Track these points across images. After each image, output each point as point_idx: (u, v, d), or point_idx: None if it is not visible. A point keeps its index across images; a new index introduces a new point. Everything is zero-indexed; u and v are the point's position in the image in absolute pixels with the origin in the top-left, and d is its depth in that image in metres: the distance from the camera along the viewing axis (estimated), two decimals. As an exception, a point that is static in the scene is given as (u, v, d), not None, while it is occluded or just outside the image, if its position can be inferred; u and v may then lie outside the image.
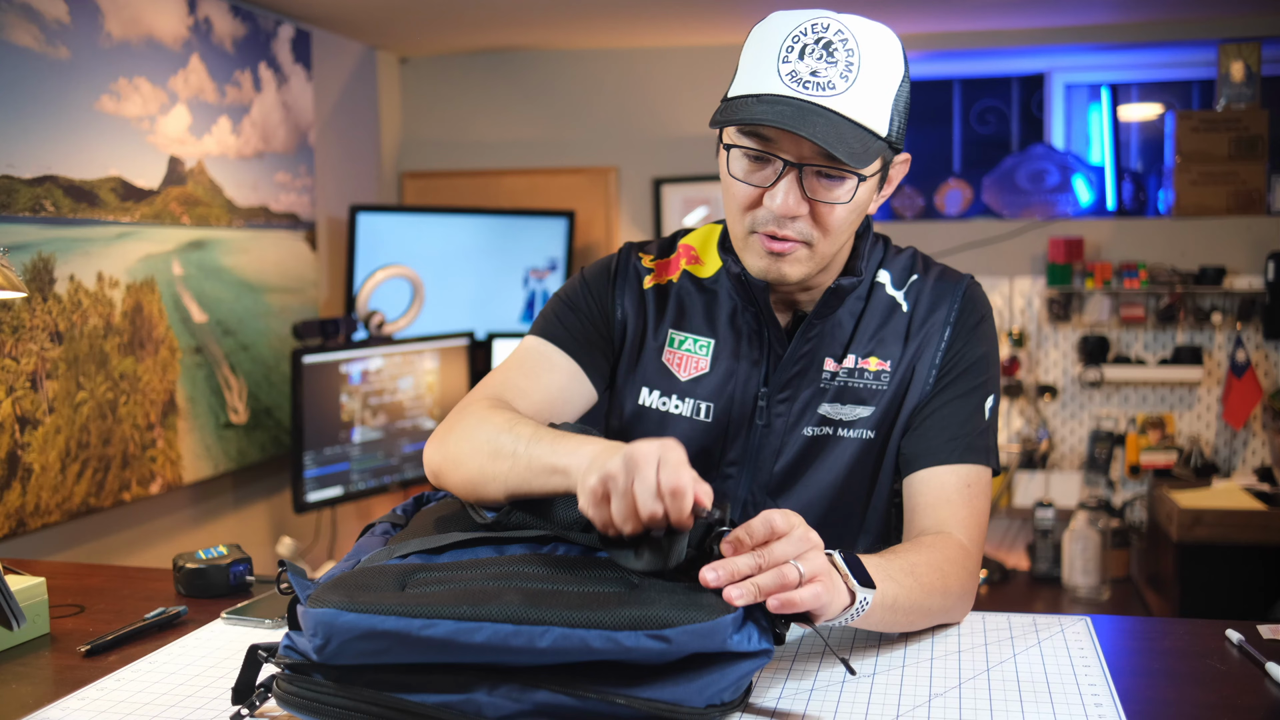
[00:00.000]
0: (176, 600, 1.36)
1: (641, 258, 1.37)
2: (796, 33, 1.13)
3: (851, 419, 1.27)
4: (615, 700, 0.87)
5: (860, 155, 1.11)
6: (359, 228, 3.59)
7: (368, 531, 1.17)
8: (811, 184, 1.15)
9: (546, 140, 4.19)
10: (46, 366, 2.50)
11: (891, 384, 1.27)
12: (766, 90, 1.13)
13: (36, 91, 2.48)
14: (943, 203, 4.06)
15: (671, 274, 1.35)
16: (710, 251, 1.34)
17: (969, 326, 1.28)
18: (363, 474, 3.32)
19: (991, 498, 1.27)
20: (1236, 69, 3.67)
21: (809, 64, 1.12)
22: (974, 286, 1.31)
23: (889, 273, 1.31)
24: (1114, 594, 3.56)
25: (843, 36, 1.12)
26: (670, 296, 1.34)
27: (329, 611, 0.86)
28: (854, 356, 1.27)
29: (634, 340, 1.34)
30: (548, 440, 1.07)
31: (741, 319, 1.30)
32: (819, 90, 1.12)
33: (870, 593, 1.00)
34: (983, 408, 1.27)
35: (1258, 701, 1.00)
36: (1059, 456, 3.93)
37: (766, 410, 1.28)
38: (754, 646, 0.90)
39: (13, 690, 1.08)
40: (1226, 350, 3.75)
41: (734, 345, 1.30)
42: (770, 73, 1.14)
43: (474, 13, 3.50)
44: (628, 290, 1.35)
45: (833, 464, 1.28)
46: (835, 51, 1.12)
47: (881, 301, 1.29)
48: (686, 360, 1.31)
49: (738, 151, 1.17)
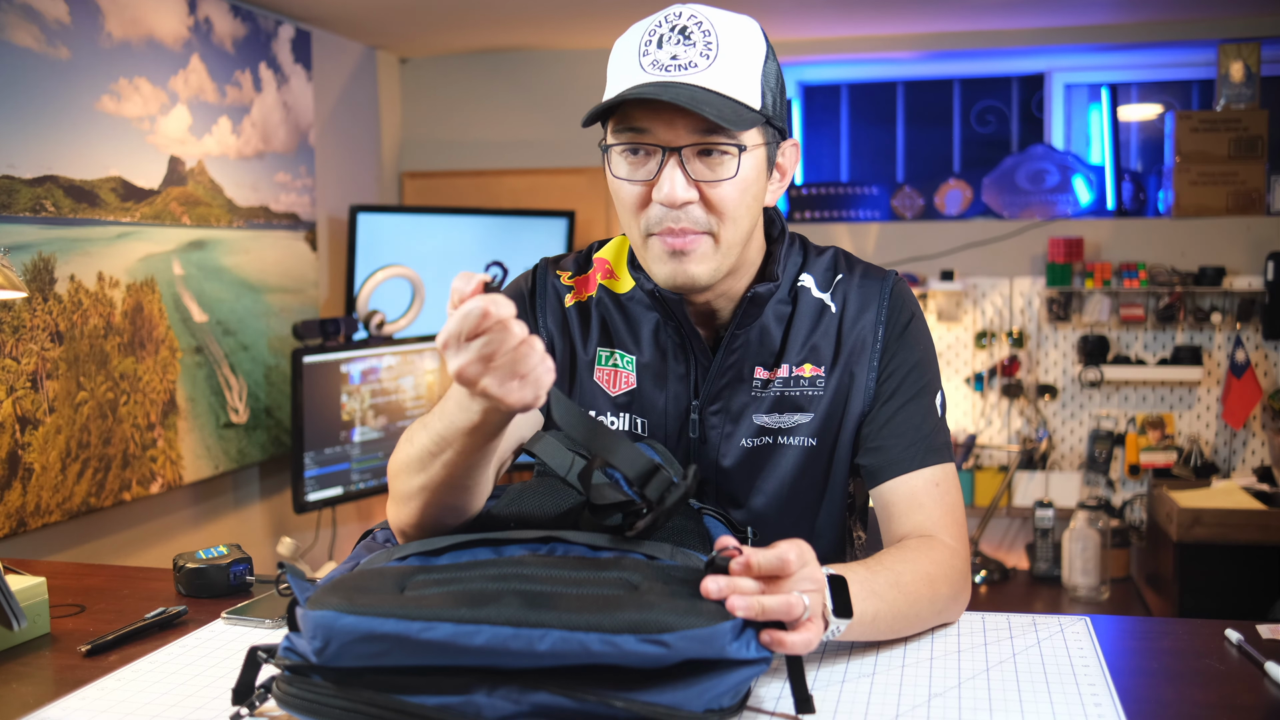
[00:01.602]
0: (176, 600, 1.36)
1: (560, 275, 1.35)
2: (653, 26, 1.15)
3: (790, 426, 1.26)
4: (614, 703, 0.87)
5: (732, 120, 1.10)
6: (359, 228, 3.59)
7: (367, 537, 1.17)
8: (695, 166, 1.14)
9: (546, 140, 4.19)
10: (47, 366, 2.50)
11: (828, 389, 1.26)
12: (631, 83, 1.13)
13: (37, 91, 2.49)
14: (943, 203, 4.06)
15: (590, 290, 1.33)
16: (624, 267, 1.32)
17: (900, 327, 1.28)
18: (363, 474, 3.32)
19: (960, 488, 1.28)
20: (1236, 69, 3.67)
21: (668, 50, 1.13)
22: (899, 283, 1.31)
23: (811, 276, 1.30)
24: (1113, 594, 3.56)
25: (697, 20, 1.14)
26: (591, 313, 1.32)
27: (328, 614, 0.86)
28: (788, 365, 1.26)
29: (563, 360, 1.32)
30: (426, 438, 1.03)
31: (664, 334, 1.28)
32: (680, 70, 1.12)
33: (844, 623, 1.00)
34: (933, 407, 1.27)
35: (1257, 701, 1.00)
36: (1059, 456, 3.93)
37: (699, 424, 1.27)
38: (752, 654, 0.90)
39: (13, 690, 1.08)
40: (1226, 350, 3.75)
41: (658, 361, 1.28)
42: (633, 67, 1.14)
43: (474, 13, 3.50)
44: (548, 311, 1.33)
45: (778, 473, 1.27)
46: (692, 35, 1.13)
47: (809, 306, 1.28)
48: (615, 376, 1.30)
49: (616, 150, 1.17)
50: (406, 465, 1.07)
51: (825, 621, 0.99)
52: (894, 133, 4.34)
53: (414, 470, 1.06)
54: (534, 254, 3.96)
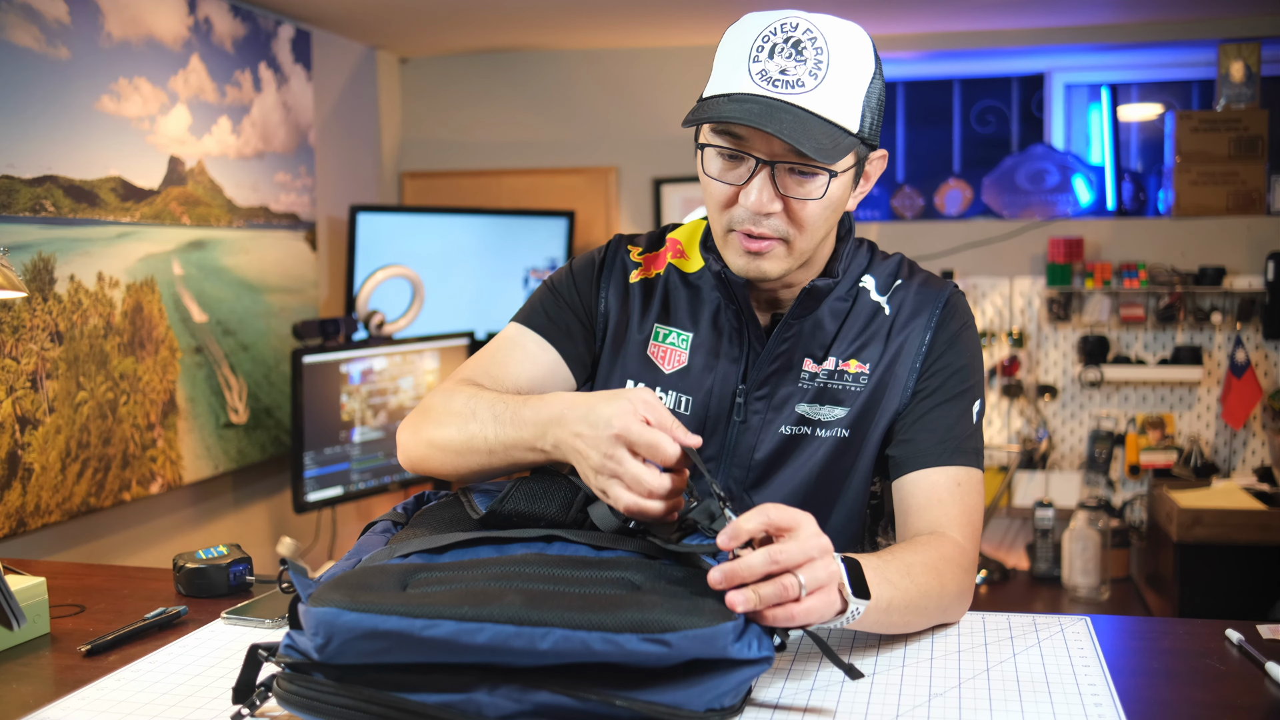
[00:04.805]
0: (176, 600, 1.36)
1: (630, 250, 1.39)
2: (766, 32, 1.15)
3: (829, 419, 1.28)
4: (615, 702, 0.87)
5: (829, 151, 1.13)
6: (359, 228, 3.59)
7: (369, 530, 1.17)
8: (784, 180, 1.17)
9: (546, 140, 4.19)
10: (47, 366, 2.50)
11: (869, 385, 1.28)
12: (737, 89, 1.15)
13: (36, 91, 2.48)
14: (943, 203, 4.06)
15: (659, 268, 1.37)
16: (695, 248, 1.36)
17: (951, 333, 1.29)
18: (363, 474, 3.32)
19: (984, 498, 1.28)
20: (1236, 69, 3.67)
21: (778, 63, 1.14)
22: (957, 295, 1.33)
23: (874, 278, 1.32)
24: (1114, 594, 3.56)
25: (811, 35, 1.14)
26: (656, 290, 1.35)
27: (330, 611, 0.86)
28: (835, 359, 1.29)
29: (616, 332, 1.35)
30: (510, 423, 1.15)
31: (723, 316, 1.31)
32: (788, 88, 1.14)
33: (863, 603, 1.01)
34: (970, 412, 1.28)
35: (1257, 701, 1.00)
36: (1059, 456, 3.93)
37: (744, 407, 1.29)
38: (754, 654, 0.90)
39: (13, 690, 1.08)
40: (1226, 350, 3.75)
41: (714, 342, 1.31)
42: (741, 72, 1.16)
43: (474, 13, 3.50)
44: (612, 283, 1.37)
45: (806, 462, 1.28)
46: (804, 50, 1.14)
47: (865, 306, 1.31)
48: (670, 353, 1.33)
49: (712, 150, 1.20)
50: (464, 440, 1.19)
51: (845, 602, 0.99)
52: (894, 132, 4.34)
53: (468, 449, 1.19)
54: (534, 254, 3.98)
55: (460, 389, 1.24)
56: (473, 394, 1.22)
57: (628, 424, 1.02)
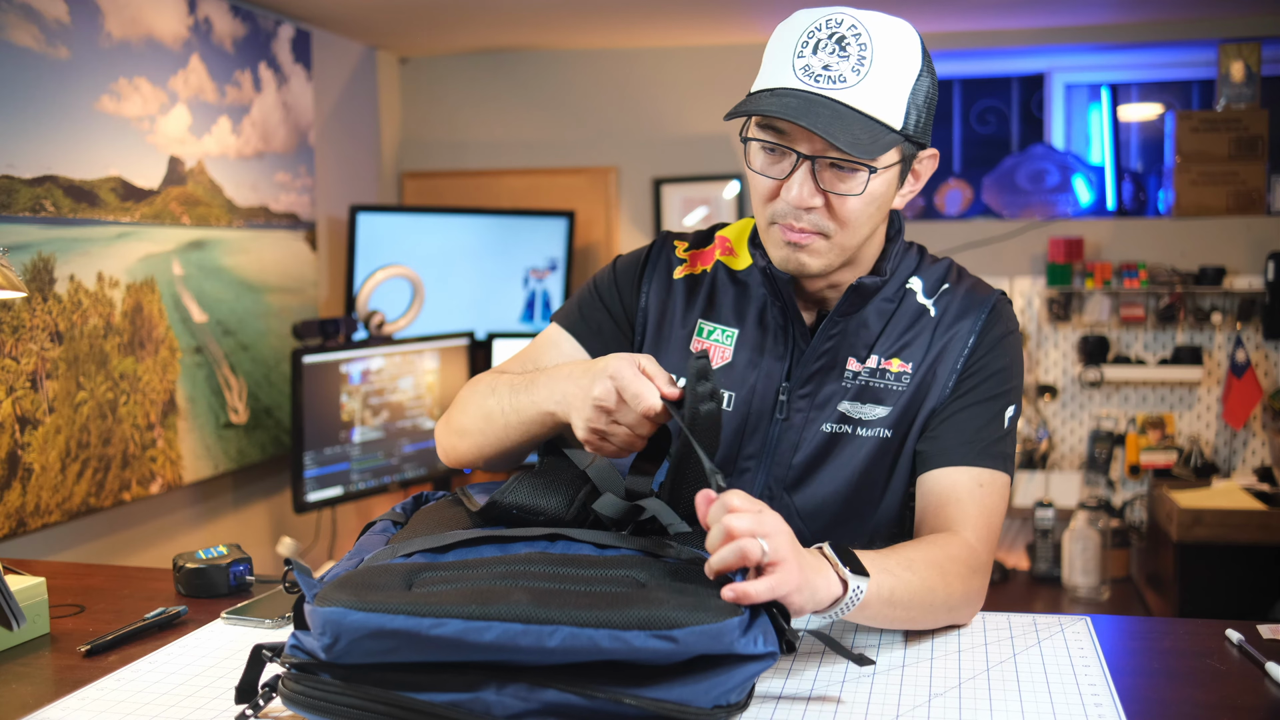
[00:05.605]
0: (176, 600, 1.36)
1: (676, 246, 1.40)
2: (812, 28, 1.16)
3: (870, 418, 1.28)
4: (623, 700, 0.87)
5: (867, 146, 1.13)
6: (359, 228, 3.59)
7: (368, 530, 1.18)
8: (825, 176, 1.17)
9: (546, 140, 4.19)
10: (46, 366, 2.50)
11: (911, 385, 1.28)
12: (780, 84, 1.17)
13: (36, 91, 2.48)
14: (943, 203, 4.06)
15: (706, 264, 1.38)
16: (744, 245, 1.37)
17: (995, 337, 1.29)
18: (363, 474, 3.32)
19: (1007, 503, 1.27)
20: (1236, 69, 3.67)
21: (822, 58, 1.15)
22: (1004, 301, 1.32)
23: (922, 280, 1.32)
24: (1114, 594, 3.56)
25: (856, 31, 1.15)
26: (702, 286, 1.36)
27: (337, 610, 0.86)
28: (878, 357, 1.28)
29: (657, 327, 1.36)
30: (524, 389, 1.22)
31: (769, 314, 1.31)
32: (830, 84, 1.14)
33: (864, 580, 1.01)
34: (1002, 416, 1.27)
35: (1257, 701, 1.00)
36: (1059, 456, 3.93)
37: (787, 405, 1.29)
38: (760, 649, 0.90)
39: (13, 690, 1.08)
40: (1226, 350, 3.75)
41: (759, 338, 1.31)
42: (786, 67, 1.17)
43: (474, 13, 3.50)
44: (656, 279, 1.38)
45: (848, 461, 1.28)
46: (848, 46, 1.15)
47: (911, 307, 1.31)
48: (714, 349, 1.33)
49: (755, 144, 1.21)
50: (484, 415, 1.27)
51: (844, 582, 1.00)
52: (894, 133, 4.33)
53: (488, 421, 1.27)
54: (534, 254, 3.99)
55: (487, 376, 1.33)
56: (496, 376, 1.30)
57: (620, 367, 1.09)
